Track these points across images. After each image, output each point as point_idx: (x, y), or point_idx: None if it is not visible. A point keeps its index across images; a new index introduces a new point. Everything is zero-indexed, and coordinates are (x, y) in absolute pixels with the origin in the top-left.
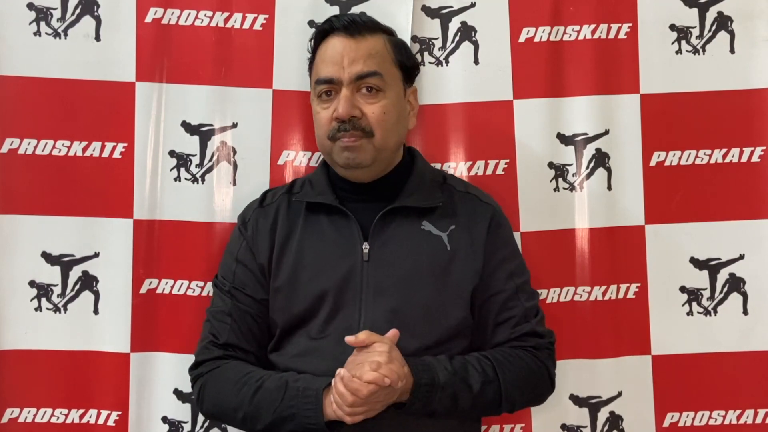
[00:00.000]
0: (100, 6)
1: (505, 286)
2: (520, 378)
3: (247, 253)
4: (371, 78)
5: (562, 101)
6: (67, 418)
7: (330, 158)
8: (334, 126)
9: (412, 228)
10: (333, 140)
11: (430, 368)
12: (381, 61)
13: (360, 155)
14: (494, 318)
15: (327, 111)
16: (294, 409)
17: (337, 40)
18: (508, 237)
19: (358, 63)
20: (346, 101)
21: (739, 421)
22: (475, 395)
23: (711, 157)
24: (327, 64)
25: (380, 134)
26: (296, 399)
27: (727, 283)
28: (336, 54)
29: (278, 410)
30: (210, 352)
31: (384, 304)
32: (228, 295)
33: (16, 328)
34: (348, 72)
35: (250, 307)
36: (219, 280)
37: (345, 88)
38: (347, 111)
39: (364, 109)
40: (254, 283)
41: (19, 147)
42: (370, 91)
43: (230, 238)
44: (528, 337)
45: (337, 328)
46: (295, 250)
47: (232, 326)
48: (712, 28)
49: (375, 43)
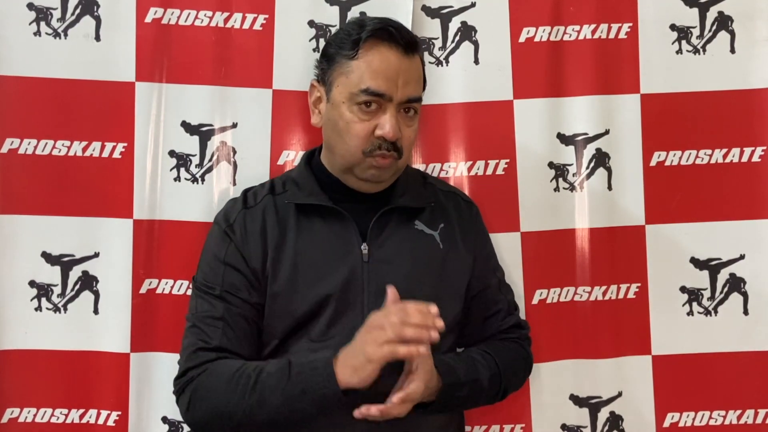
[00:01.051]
0: (100, 6)
1: (491, 280)
2: (515, 368)
3: (237, 256)
4: (416, 103)
5: (562, 101)
6: (67, 418)
7: (349, 169)
8: (375, 143)
9: (407, 228)
10: (366, 155)
11: (451, 368)
12: (421, 84)
13: (385, 173)
14: (484, 311)
15: (367, 124)
16: (303, 384)
17: (393, 55)
18: (487, 234)
19: (410, 85)
20: (396, 122)
21: (739, 422)
22: (485, 389)
23: (711, 157)
24: (380, 77)
25: (406, 155)
26: (303, 374)
27: (728, 283)
28: (391, 70)
29: (287, 389)
30: (200, 358)
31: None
32: (219, 300)
33: (16, 328)
34: (401, 93)
35: (243, 310)
36: (201, 284)
37: (393, 107)
38: (396, 134)
39: (403, 131)
40: (247, 286)
41: (19, 147)
42: (408, 112)
43: (210, 239)
44: (514, 328)
45: (340, 331)
46: (292, 253)
47: (224, 330)
48: (712, 28)
49: (419, 65)
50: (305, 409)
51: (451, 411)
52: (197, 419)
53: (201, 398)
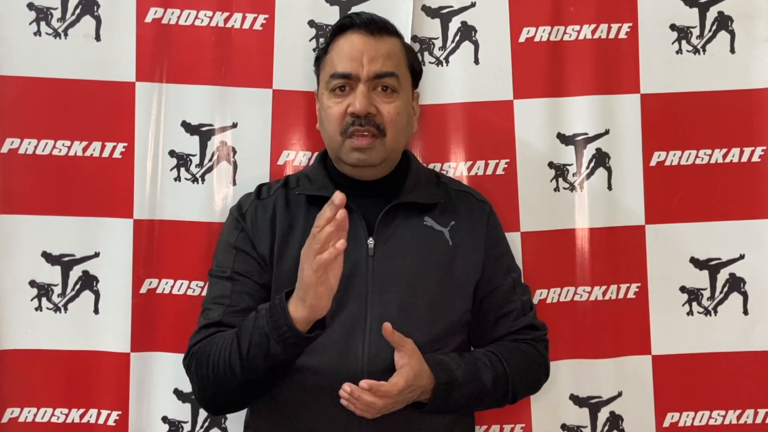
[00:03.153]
0: (100, 6)
1: (504, 280)
2: (524, 371)
3: (247, 242)
4: (389, 78)
5: (562, 101)
6: (67, 418)
7: (337, 156)
8: (348, 121)
9: (415, 224)
10: (344, 136)
11: (447, 367)
12: (397, 62)
13: (371, 155)
14: (495, 312)
15: (340, 106)
16: (267, 327)
17: (357, 37)
18: (502, 233)
19: (377, 62)
20: (363, 97)
21: (739, 421)
22: (488, 391)
23: (711, 157)
24: (345, 60)
25: (392, 134)
26: (262, 318)
27: (728, 283)
28: (355, 50)
29: (253, 337)
30: (200, 334)
31: (391, 298)
32: (228, 280)
33: (17, 327)
34: (367, 69)
35: (251, 289)
36: (215, 270)
37: (362, 85)
38: (364, 107)
39: (380, 107)
40: (256, 267)
41: (20, 147)
42: (386, 90)
43: (224, 230)
44: (527, 330)
45: (342, 323)
46: (298, 243)
47: (228, 306)
48: (712, 28)
49: (393, 44)
50: (273, 351)
51: (453, 412)
52: (201, 388)
53: (201, 368)
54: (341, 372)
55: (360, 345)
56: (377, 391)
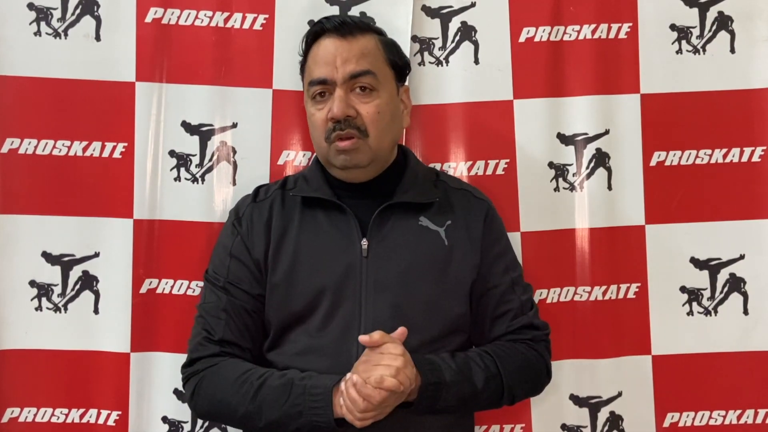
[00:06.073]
0: (100, 6)
1: (502, 279)
2: (521, 371)
3: (242, 248)
4: (364, 77)
5: (562, 101)
6: (67, 418)
7: (326, 160)
8: (330, 126)
9: (410, 224)
10: (329, 141)
11: (436, 367)
12: (373, 60)
13: (356, 156)
14: (492, 312)
15: (321, 112)
16: (301, 407)
17: (329, 41)
18: (501, 232)
19: (350, 62)
20: (340, 101)
21: (739, 421)
22: (479, 391)
23: (711, 157)
24: (319, 65)
25: (375, 133)
26: (303, 396)
27: (728, 283)
28: (328, 54)
29: (284, 408)
30: (205, 349)
31: (384, 300)
32: (222, 291)
33: (17, 327)
34: (341, 72)
35: (245, 303)
36: (211, 275)
37: (339, 88)
38: (342, 111)
39: (359, 108)
40: (250, 278)
41: (20, 147)
42: (364, 90)
43: (222, 233)
44: (525, 329)
45: (337, 325)
46: (293, 245)
47: (227, 322)
48: (712, 28)
49: (367, 42)
50: (299, 429)
51: (443, 412)
52: (200, 409)
53: (205, 394)
54: (335, 374)
55: (354, 347)
56: (360, 390)
